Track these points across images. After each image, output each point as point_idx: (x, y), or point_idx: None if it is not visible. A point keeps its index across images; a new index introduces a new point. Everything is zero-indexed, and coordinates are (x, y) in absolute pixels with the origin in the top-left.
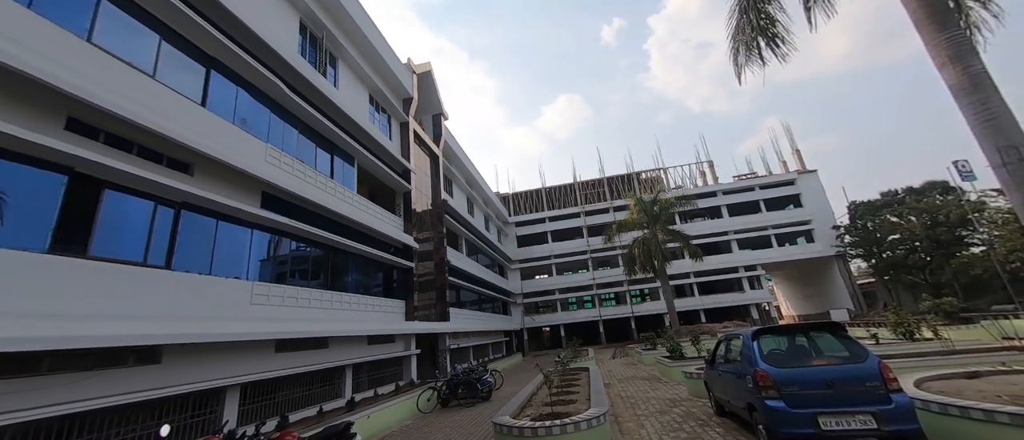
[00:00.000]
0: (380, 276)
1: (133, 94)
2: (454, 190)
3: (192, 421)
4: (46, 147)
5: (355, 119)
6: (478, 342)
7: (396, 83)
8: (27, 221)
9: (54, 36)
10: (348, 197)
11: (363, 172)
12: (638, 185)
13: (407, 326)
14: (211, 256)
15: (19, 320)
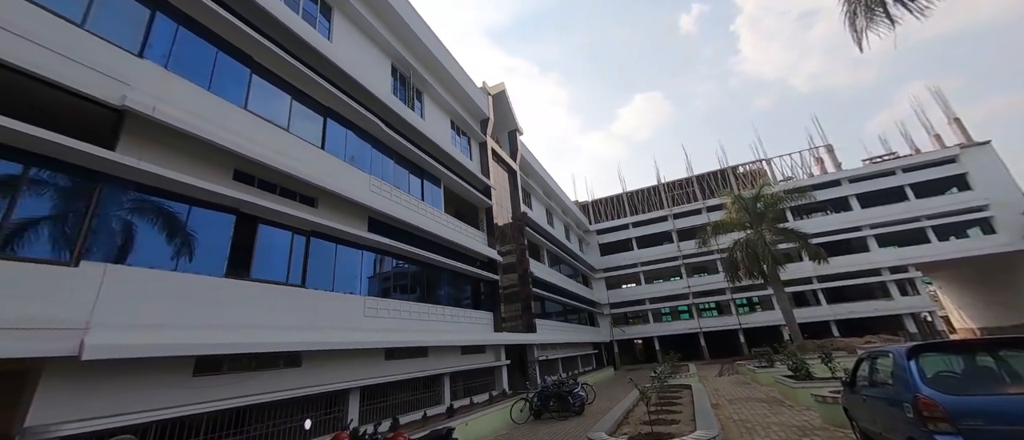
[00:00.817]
0: (469, 289)
1: (276, 146)
2: (533, 202)
3: (325, 417)
4: (222, 194)
5: (440, 145)
6: (566, 354)
7: (474, 107)
8: (211, 253)
9: (225, 109)
10: (437, 216)
11: (448, 192)
12: (735, 181)
13: (496, 337)
14: (333, 275)
15: (209, 330)
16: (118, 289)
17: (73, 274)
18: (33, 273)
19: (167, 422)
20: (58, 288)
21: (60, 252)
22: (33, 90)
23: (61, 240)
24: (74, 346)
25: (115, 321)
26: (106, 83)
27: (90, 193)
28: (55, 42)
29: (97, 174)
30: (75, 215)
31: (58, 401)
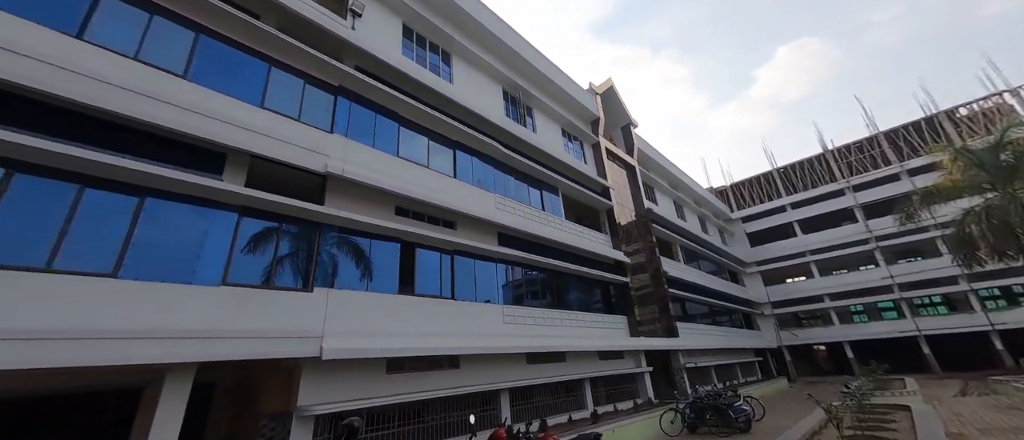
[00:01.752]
0: (598, 293)
1: (421, 182)
2: (657, 196)
3: (483, 414)
4: (390, 228)
5: (553, 154)
6: (720, 361)
7: (582, 110)
8: (387, 275)
9: (385, 159)
10: (558, 224)
11: (567, 199)
12: (953, 128)
13: (632, 342)
14: (475, 287)
15: (392, 337)
16: (336, 307)
17: (309, 297)
18: (286, 298)
19: (375, 409)
20: (302, 308)
21: (299, 281)
22: (277, 172)
23: (299, 273)
24: (317, 349)
25: (338, 331)
26: (314, 157)
27: (313, 237)
28: (286, 134)
29: (316, 223)
30: (305, 254)
31: (312, 389)
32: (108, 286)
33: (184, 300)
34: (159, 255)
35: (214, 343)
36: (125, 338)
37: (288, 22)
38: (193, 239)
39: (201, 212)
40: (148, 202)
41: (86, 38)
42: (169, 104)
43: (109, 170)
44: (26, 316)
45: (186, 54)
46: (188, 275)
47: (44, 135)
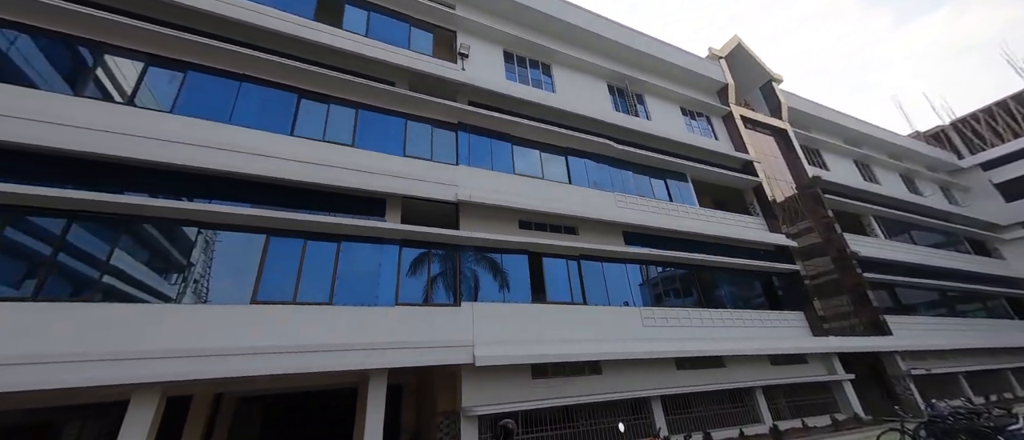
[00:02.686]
0: (757, 286)
1: (538, 193)
2: (827, 159)
3: (634, 422)
4: (517, 241)
5: (674, 139)
6: (975, 366)
7: (704, 81)
8: (520, 285)
9: (505, 179)
10: (692, 213)
11: (699, 184)
12: None
13: (815, 343)
14: (606, 290)
15: (531, 345)
16: (481, 318)
17: (458, 311)
18: (441, 313)
19: (527, 412)
20: (453, 320)
21: (450, 297)
22: (422, 206)
23: (449, 289)
24: (470, 357)
25: (485, 340)
26: (447, 189)
27: (455, 257)
28: (424, 174)
29: (455, 245)
30: (451, 273)
31: (472, 392)
32: (327, 311)
33: (373, 319)
34: (354, 285)
35: (393, 352)
36: (340, 350)
37: (415, 80)
38: (373, 270)
39: (375, 248)
40: (343, 245)
41: (296, 134)
42: (345, 169)
43: (323, 226)
44: (283, 336)
45: (351, 127)
46: (373, 299)
47: (274, 206)
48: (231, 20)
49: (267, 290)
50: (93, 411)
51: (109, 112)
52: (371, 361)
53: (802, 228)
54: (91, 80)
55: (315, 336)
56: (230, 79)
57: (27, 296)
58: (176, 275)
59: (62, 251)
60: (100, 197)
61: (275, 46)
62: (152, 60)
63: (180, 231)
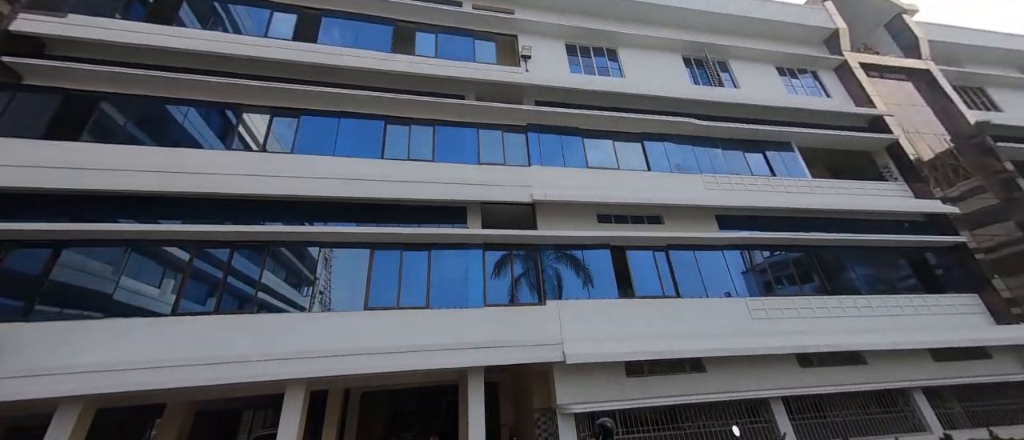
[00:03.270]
0: (904, 266)
1: (614, 185)
2: (996, 96)
3: (751, 425)
4: (595, 236)
5: (767, 104)
6: None
7: (802, 32)
8: (604, 281)
9: (576, 174)
10: (801, 186)
11: (809, 152)
12: None
13: (1002, 333)
14: (701, 281)
15: (622, 341)
16: (567, 315)
17: (544, 309)
18: (527, 312)
19: (625, 411)
20: (539, 319)
21: (534, 296)
22: (500, 210)
23: (533, 289)
24: (560, 354)
25: (573, 337)
26: (521, 190)
27: (536, 257)
28: (498, 179)
29: (535, 245)
30: (533, 272)
31: (566, 390)
32: (425, 314)
33: (466, 320)
34: (446, 289)
35: (485, 351)
36: (438, 350)
37: (483, 90)
38: (460, 274)
39: (461, 253)
40: (433, 253)
41: (386, 157)
42: (428, 183)
43: (414, 237)
44: (390, 337)
45: (430, 144)
46: (463, 301)
47: (374, 223)
48: (329, 66)
49: (376, 297)
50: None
51: (250, 159)
52: (465, 359)
53: (966, 189)
54: (235, 135)
55: (416, 337)
56: (331, 117)
57: (210, 311)
58: (306, 288)
59: (230, 275)
60: (251, 229)
61: (364, 81)
62: (276, 112)
63: (305, 251)
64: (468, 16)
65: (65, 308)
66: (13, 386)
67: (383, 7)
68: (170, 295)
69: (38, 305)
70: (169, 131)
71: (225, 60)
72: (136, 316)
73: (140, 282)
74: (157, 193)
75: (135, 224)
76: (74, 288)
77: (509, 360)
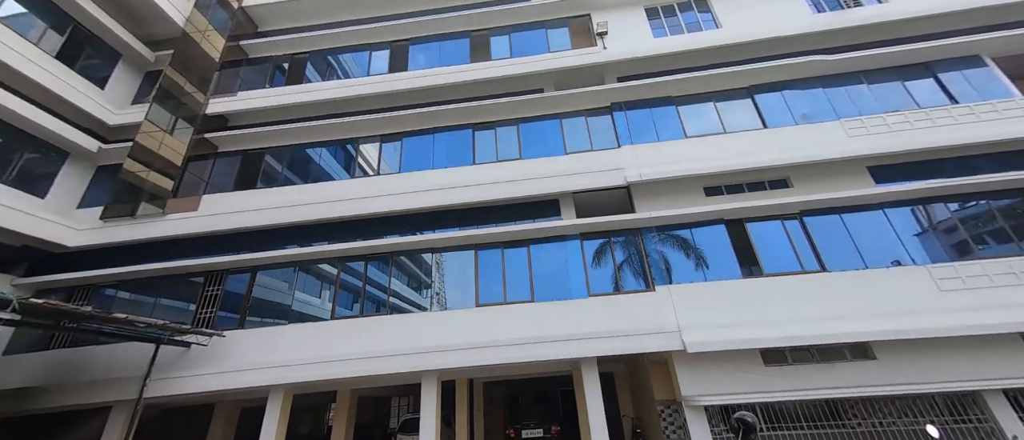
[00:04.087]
0: None
1: (722, 151)
2: None
3: (955, 425)
4: (703, 212)
5: (933, 12)
6: None
7: None
8: (721, 259)
9: (675, 147)
10: (1000, 109)
11: (1013, 61)
12: None
13: None
14: (856, 250)
15: (754, 326)
16: (681, 300)
17: (653, 296)
18: (634, 299)
19: (769, 404)
20: (649, 306)
21: (640, 283)
22: (593, 197)
23: (638, 275)
24: (678, 342)
25: (692, 323)
26: (613, 174)
27: (637, 241)
28: (587, 166)
29: (635, 229)
30: (636, 258)
31: (690, 380)
32: (530, 308)
33: (571, 312)
34: (548, 282)
35: (592, 342)
36: (545, 342)
37: (562, 78)
38: (560, 266)
39: (559, 246)
40: (532, 248)
41: (477, 162)
42: (518, 181)
43: (511, 234)
44: (500, 331)
45: (516, 142)
46: (566, 292)
47: (475, 226)
48: (420, 89)
49: (485, 294)
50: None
51: (369, 183)
52: (572, 350)
53: None
54: (356, 164)
55: (523, 330)
56: (427, 135)
57: (356, 314)
58: (426, 290)
59: (368, 283)
60: (376, 243)
61: (450, 96)
62: (384, 139)
63: (420, 257)
64: (536, 8)
65: (264, 318)
66: (236, 378)
67: (457, 21)
68: (328, 303)
69: (248, 317)
70: (310, 170)
71: (342, 102)
72: (308, 321)
73: (307, 294)
74: (309, 221)
75: (297, 248)
76: (268, 303)
77: (619, 350)
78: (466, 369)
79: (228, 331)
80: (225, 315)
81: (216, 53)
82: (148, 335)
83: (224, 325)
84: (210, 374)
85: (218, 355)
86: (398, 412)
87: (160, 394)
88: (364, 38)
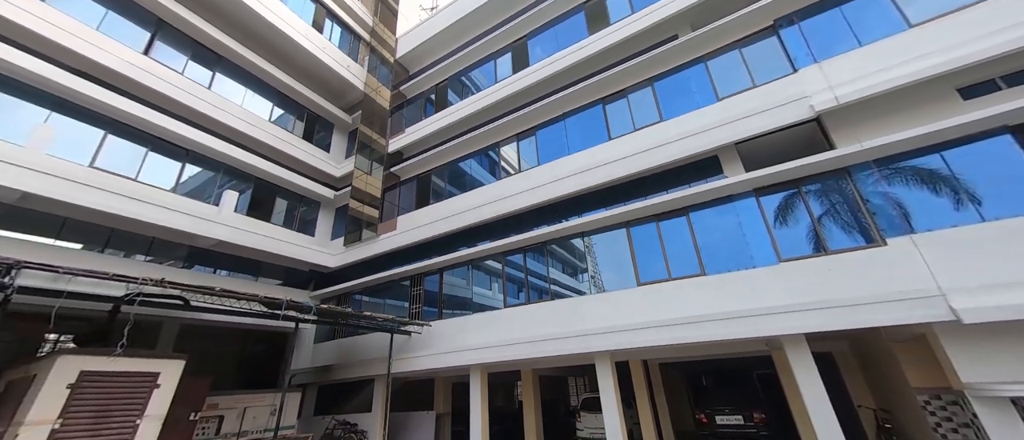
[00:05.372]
0: None
1: (989, 24)
2: None
3: None
4: (970, 121)
5: None
6: None
7: None
8: (1000, 190)
9: (890, 45)
10: None
11: None
12: None
13: None
14: None
15: None
16: (939, 255)
17: (883, 252)
18: (850, 260)
19: None
20: (877, 266)
21: (858, 238)
22: (765, 142)
23: (851, 228)
24: (943, 311)
25: (967, 284)
26: (792, 108)
27: (845, 185)
28: (753, 107)
29: (837, 170)
30: (846, 207)
31: (972, 362)
32: (701, 283)
33: (755, 282)
34: (720, 251)
35: (791, 317)
36: (725, 318)
37: (698, 12)
38: (733, 231)
39: (725, 209)
40: (693, 216)
41: (613, 137)
42: (661, 146)
43: (664, 205)
44: (668, 310)
45: (653, 104)
46: (748, 261)
47: (622, 203)
48: (545, 79)
49: (645, 272)
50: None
51: (513, 181)
52: (762, 328)
53: None
54: (498, 167)
55: (696, 307)
56: (558, 122)
57: (523, 302)
58: (581, 275)
59: (529, 274)
60: (529, 235)
61: (576, 76)
62: (519, 137)
63: (571, 244)
64: None
65: (454, 310)
66: (442, 359)
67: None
68: (499, 294)
69: (445, 310)
70: (465, 181)
71: (480, 114)
72: (487, 311)
73: (481, 288)
74: (471, 225)
75: (467, 249)
76: (455, 297)
77: (833, 326)
78: (635, 350)
79: (433, 322)
80: (428, 309)
81: (386, 103)
82: (384, 326)
83: (428, 317)
84: (426, 355)
85: (429, 341)
86: (576, 391)
87: (398, 371)
88: (486, 50)
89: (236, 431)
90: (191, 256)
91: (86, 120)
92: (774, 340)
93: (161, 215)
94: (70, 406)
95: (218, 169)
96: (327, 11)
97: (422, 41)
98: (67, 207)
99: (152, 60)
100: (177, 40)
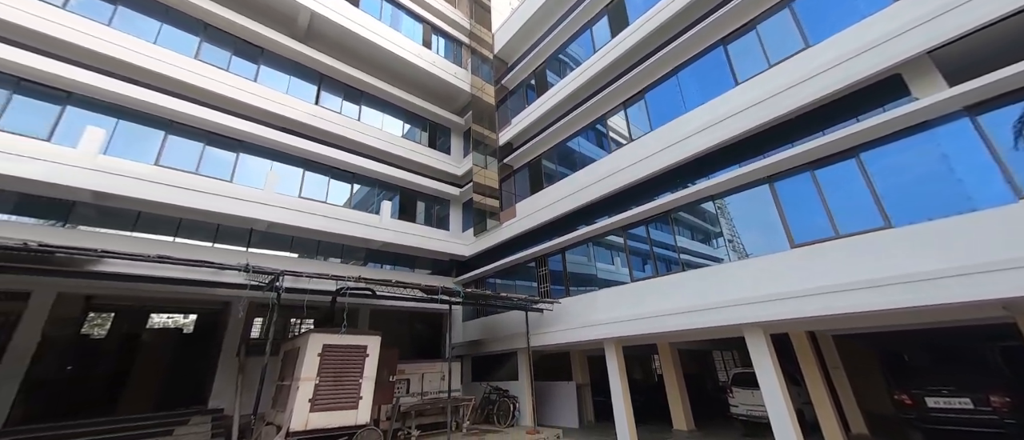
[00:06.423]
0: None
1: None
2: None
3: None
4: None
5: None
6: None
7: None
8: None
9: None
10: None
11: None
12: None
13: None
14: None
15: None
16: None
17: None
18: None
19: None
20: None
21: None
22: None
23: None
24: None
25: None
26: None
27: None
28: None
29: None
30: None
31: None
32: (887, 236)
33: (980, 230)
34: (911, 196)
35: None
36: (922, 280)
37: None
38: (934, 168)
39: (918, 139)
40: (863, 156)
41: (739, 81)
42: (815, 76)
43: (824, 148)
44: (839, 273)
45: (794, 26)
46: (965, 202)
47: (756, 159)
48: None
49: (801, 232)
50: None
51: (627, 152)
52: (991, 288)
53: None
54: (606, 139)
55: (877, 268)
56: (669, 78)
57: (649, 275)
58: (714, 240)
59: (654, 245)
60: (651, 205)
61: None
62: (626, 104)
63: (698, 208)
64: None
65: (580, 287)
66: (574, 333)
67: None
68: (623, 268)
69: (571, 287)
70: (574, 159)
71: (584, 88)
72: (614, 286)
73: (605, 264)
74: (589, 203)
75: (586, 228)
76: (579, 274)
77: None
78: (797, 321)
79: (562, 299)
80: (556, 288)
81: (491, 98)
82: (519, 305)
83: (556, 295)
84: (559, 330)
85: (561, 317)
86: (723, 365)
87: (536, 344)
88: (580, 20)
89: (420, 391)
90: (367, 256)
91: (291, 163)
92: (1017, 303)
93: (344, 228)
94: (322, 369)
95: (373, 184)
96: (433, 28)
97: (516, 30)
98: (290, 229)
99: (321, 107)
100: (333, 87)
